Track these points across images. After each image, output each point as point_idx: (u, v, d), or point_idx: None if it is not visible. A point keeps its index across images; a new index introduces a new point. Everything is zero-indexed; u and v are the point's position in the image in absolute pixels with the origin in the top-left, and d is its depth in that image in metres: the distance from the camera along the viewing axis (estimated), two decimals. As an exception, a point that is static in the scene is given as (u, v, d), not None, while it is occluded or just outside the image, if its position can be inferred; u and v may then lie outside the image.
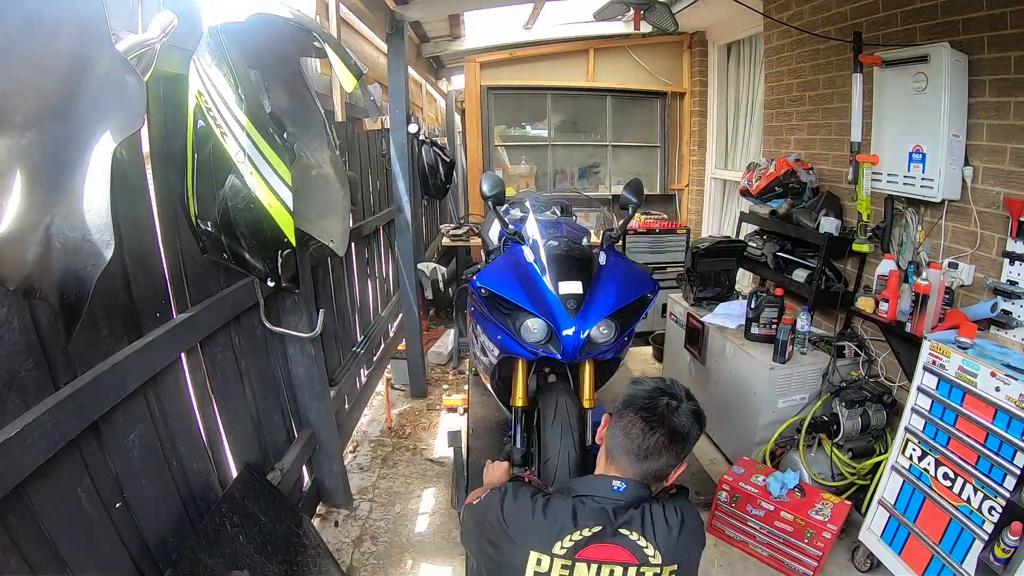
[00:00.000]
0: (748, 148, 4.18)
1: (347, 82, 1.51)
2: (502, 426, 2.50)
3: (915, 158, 2.20)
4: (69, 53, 0.86)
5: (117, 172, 0.92)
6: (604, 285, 1.60)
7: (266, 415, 1.97)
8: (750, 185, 3.10)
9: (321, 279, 2.57)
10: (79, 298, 0.89)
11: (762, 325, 2.64)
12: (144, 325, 1.33)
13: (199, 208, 1.43)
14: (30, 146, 0.81)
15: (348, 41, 2.95)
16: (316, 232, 1.76)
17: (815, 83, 2.99)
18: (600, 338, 1.55)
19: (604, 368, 1.78)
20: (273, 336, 2.02)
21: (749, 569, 2.14)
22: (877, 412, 2.30)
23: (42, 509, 1.02)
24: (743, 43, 4.14)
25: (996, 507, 1.57)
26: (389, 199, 3.86)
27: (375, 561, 2.21)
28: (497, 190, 1.83)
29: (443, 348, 4.17)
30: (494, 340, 1.71)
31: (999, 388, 1.58)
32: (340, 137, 2.76)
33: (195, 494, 1.51)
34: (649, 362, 4.14)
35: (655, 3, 2.55)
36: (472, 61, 4.51)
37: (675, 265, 4.28)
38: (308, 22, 1.55)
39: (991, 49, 2.00)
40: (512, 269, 1.65)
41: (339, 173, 1.85)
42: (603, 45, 4.61)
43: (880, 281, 2.27)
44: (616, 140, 4.90)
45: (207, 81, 1.33)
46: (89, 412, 1.11)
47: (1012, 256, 1.93)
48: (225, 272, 1.69)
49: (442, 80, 6.18)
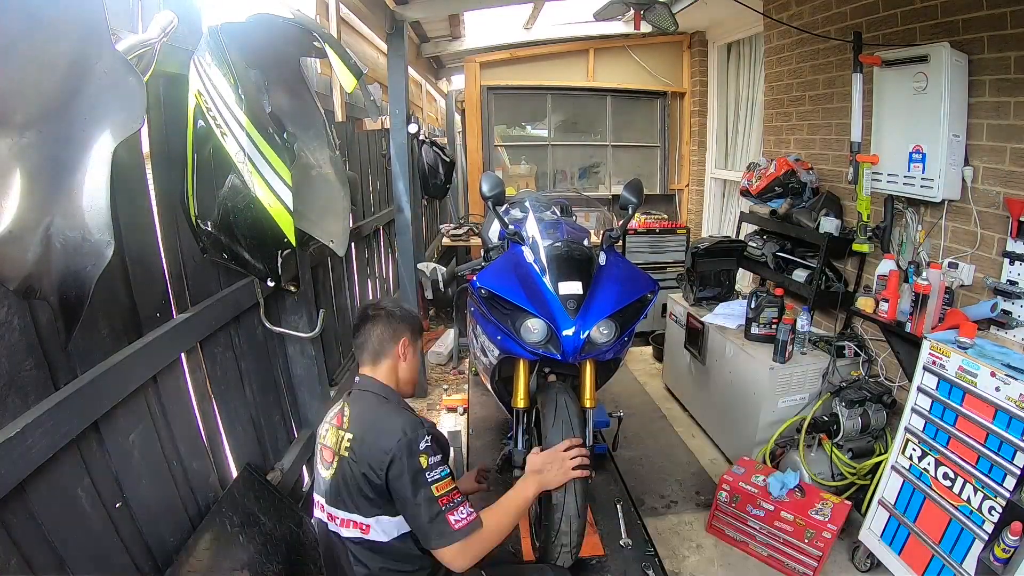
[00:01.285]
0: (748, 148, 4.18)
1: (347, 82, 1.51)
2: (502, 426, 2.50)
3: (915, 158, 2.20)
4: (69, 53, 0.86)
5: (117, 172, 0.92)
6: (604, 285, 1.60)
7: (266, 415, 1.96)
8: (750, 185, 3.10)
9: (321, 279, 2.57)
10: (79, 298, 0.89)
11: (762, 325, 2.64)
12: (144, 325, 1.33)
13: (199, 208, 1.43)
14: (30, 146, 0.81)
15: (348, 41, 2.95)
16: (316, 232, 1.76)
17: (815, 83, 2.99)
18: (600, 338, 1.55)
19: (604, 368, 1.78)
20: (273, 336, 2.02)
21: (749, 569, 2.13)
22: (877, 412, 2.30)
23: (42, 509, 1.01)
24: (743, 43, 4.14)
25: (996, 507, 1.57)
26: (389, 199, 3.86)
27: (375, 561, 2.20)
28: (497, 190, 1.83)
29: (443, 348, 4.17)
30: (494, 340, 1.72)
31: (999, 388, 1.58)
32: (340, 137, 2.76)
33: (195, 494, 1.51)
34: (649, 362, 4.14)
35: (655, 3, 2.55)
36: (472, 61, 4.51)
37: (675, 265, 4.28)
38: (308, 22, 1.56)
39: (991, 49, 2.00)
40: (512, 269, 1.65)
41: (339, 173, 1.85)
42: (603, 45, 4.62)
43: (880, 281, 2.27)
44: (616, 140, 4.90)
45: (207, 81, 1.33)
46: (89, 412, 1.11)
47: (1012, 256, 1.93)
48: (225, 272, 1.69)
49: (442, 80, 6.19)
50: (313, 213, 1.76)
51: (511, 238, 1.78)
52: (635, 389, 3.51)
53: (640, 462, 2.76)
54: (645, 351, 4.22)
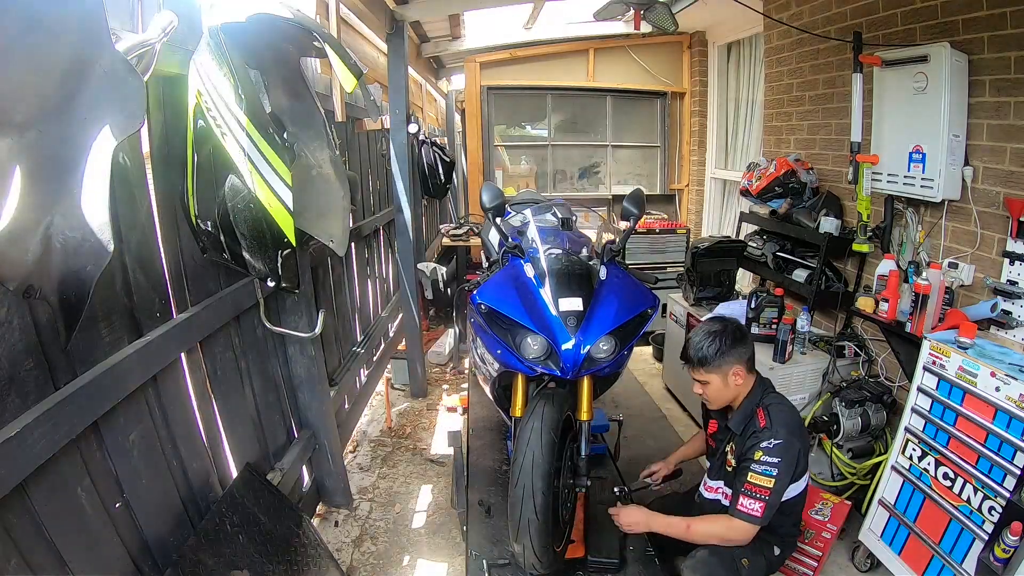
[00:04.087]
0: (748, 148, 4.18)
1: (347, 82, 1.51)
2: (502, 426, 2.50)
3: (915, 158, 2.20)
4: (69, 53, 0.86)
5: (117, 172, 0.92)
6: (604, 301, 1.59)
7: (266, 415, 1.96)
8: (750, 185, 3.10)
9: (321, 279, 2.57)
10: (79, 298, 0.89)
11: (762, 325, 2.64)
12: (144, 325, 1.33)
13: (199, 208, 1.43)
14: (30, 146, 0.81)
15: (348, 41, 2.95)
16: (316, 232, 1.76)
17: (815, 83, 2.99)
18: (600, 354, 1.55)
19: (602, 381, 1.79)
20: (273, 336, 2.02)
21: (749, 569, 2.13)
22: (877, 412, 2.30)
23: (42, 509, 1.02)
24: (743, 43, 4.14)
25: (996, 507, 1.57)
26: (389, 199, 3.86)
27: (375, 561, 2.21)
28: (497, 201, 1.82)
29: (443, 348, 4.17)
30: (494, 354, 1.72)
31: (999, 388, 1.58)
32: (340, 137, 2.75)
33: (195, 494, 1.51)
34: (649, 362, 4.14)
35: (655, 3, 2.55)
36: (472, 61, 4.51)
37: (675, 265, 4.28)
38: (308, 22, 1.55)
39: (991, 49, 2.00)
40: (512, 285, 1.64)
41: (339, 173, 1.84)
42: (603, 45, 4.62)
43: (880, 281, 2.27)
44: (616, 140, 4.90)
45: (207, 81, 1.32)
46: (89, 412, 1.11)
47: (1012, 256, 1.93)
48: (225, 272, 1.69)
49: (442, 80, 6.19)
50: (313, 213, 1.75)
51: (511, 251, 1.77)
52: (635, 389, 3.50)
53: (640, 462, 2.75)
54: (645, 351, 4.22)
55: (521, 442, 1.46)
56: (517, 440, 1.50)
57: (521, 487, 1.41)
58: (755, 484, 1.46)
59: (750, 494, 1.47)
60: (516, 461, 1.44)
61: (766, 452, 1.47)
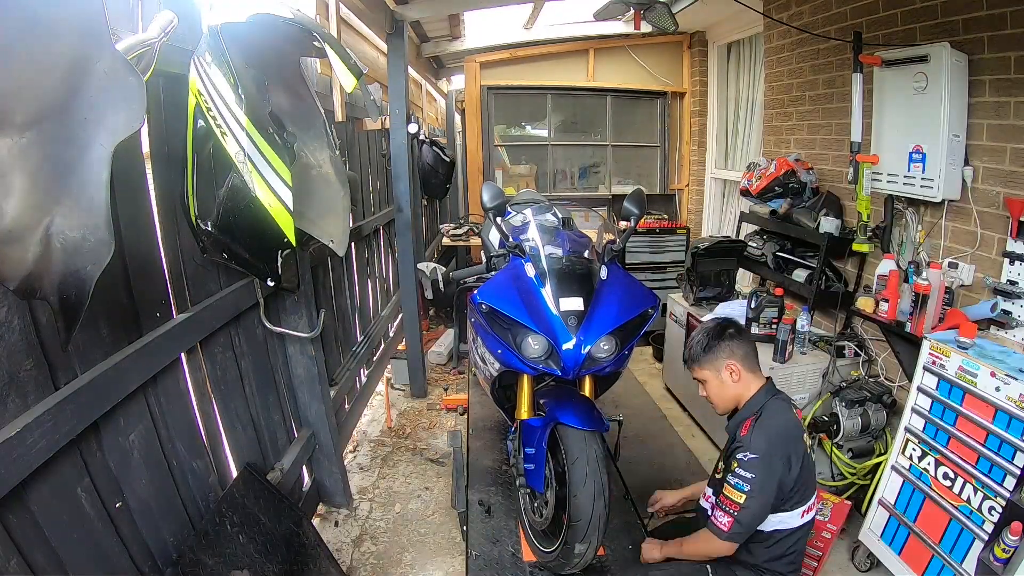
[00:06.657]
0: (748, 148, 4.17)
1: (347, 82, 1.51)
2: (502, 426, 2.50)
3: (915, 158, 2.20)
4: (69, 53, 0.86)
5: (117, 172, 0.92)
6: (605, 301, 1.60)
7: (266, 415, 1.96)
8: (750, 185, 3.10)
9: (321, 279, 2.57)
10: (79, 298, 0.89)
11: (762, 325, 2.64)
12: (144, 325, 1.33)
13: (199, 208, 1.43)
14: (30, 146, 0.81)
15: (348, 41, 2.95)
16: (316, 232, 1.76)
17: (815, 83, 2.99)
18: (601, 354, 1.55)
19: (603, 381, 1.79)
20: (273, 336, 2.02)
21: (749, 569, 2.13)
22: (877, 412, 2.30)
23: (42, 509, 1.02)
24: (743, 43, 4.14)
25: (996, 507, 1.57)
26: (389, 199, 3.86)
27: (375, 561, 2.21)
28: (498, 201, 1.82)
29: (443, 348, 4.17)
30: (494, 354, 1.73)
31: (999, 388, 1.58)
32: (340, 137, 2.75)
33: (195, 494, 1.51)
34: (649, 362, 4.14)
35: (655, 3, 2.55)
36: (472, 61, 4.51)
37: (675, 265, 4.28)
38: (308, 22, 1.55)
39: (991, 49, 2.00)
40: (513, 285, 1.65)
41: (339, 173, 1.85)
42: (603, 45, 4.61)
43: (880, 281, 2.27)
44: (616, 140, 4.90)
45: (207, 81, 1.32)
46: (89, 412, 1.11)
47: (1012, 256, 1.93)
48: (225, 272, 1.69)
49: (442, 80, 6.19)
50: (313, 213, 1.76)
51: (511, 251, 1.78)
52: (635, 389, 3.50)
53: (640, 462, 2.75)
54: (645, 351, 4.22)
55: (575, 442, 1.47)
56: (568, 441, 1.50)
57: (591, 484, 1.43)
58: (727, 497, 1.39)
59: (722, 506, 1.41)
60: (578, 460, 1.45)
61: (740, 465, 1.38)
